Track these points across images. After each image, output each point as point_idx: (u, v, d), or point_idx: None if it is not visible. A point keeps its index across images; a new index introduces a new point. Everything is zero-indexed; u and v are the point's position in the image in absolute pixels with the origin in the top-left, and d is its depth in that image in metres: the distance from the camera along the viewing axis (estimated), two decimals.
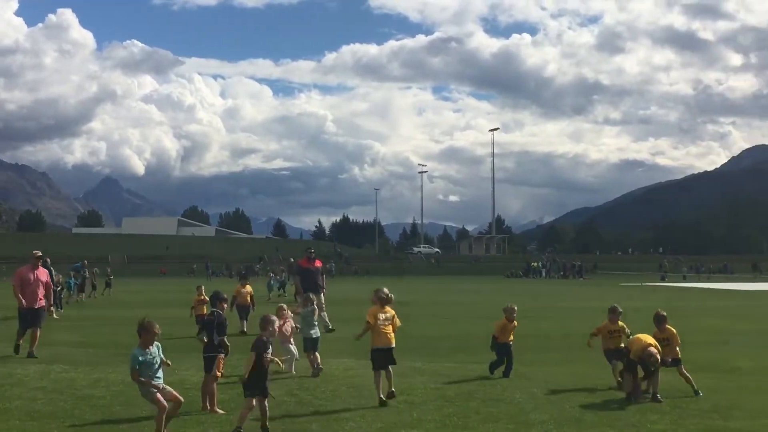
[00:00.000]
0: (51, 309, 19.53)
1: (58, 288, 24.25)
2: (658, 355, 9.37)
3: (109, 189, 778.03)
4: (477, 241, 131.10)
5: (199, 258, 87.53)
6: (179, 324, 18.53)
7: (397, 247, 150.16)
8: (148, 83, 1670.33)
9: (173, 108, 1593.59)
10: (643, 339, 9.61)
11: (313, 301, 12.38)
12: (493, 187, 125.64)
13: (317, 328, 12.07)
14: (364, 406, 9.02)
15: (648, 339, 9.61)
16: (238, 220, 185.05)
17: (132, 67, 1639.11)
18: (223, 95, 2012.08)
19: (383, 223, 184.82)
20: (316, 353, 11.53)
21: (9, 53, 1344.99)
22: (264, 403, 7.66)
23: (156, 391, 7.27)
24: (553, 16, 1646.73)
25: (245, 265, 75.67)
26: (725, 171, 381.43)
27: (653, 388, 9.49)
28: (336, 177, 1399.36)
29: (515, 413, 8.63)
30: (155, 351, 7.43)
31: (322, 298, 17.67)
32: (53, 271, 19.71)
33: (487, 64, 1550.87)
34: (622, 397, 9.58)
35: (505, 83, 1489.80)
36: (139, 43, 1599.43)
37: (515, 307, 11.67)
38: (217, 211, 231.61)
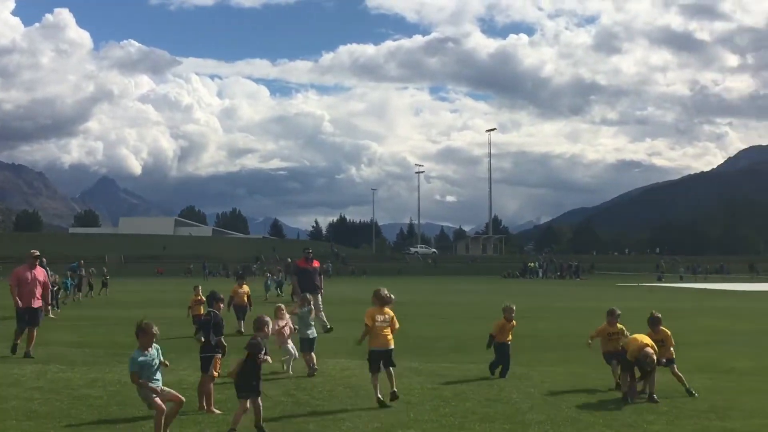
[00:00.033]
0: (48, 309, 19.47)
1: (55, 288, 24.23)
2: (655, 355, 9.39)
3: (106, 189, 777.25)
4: (474, 242, 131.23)
5: (196, 258, 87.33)
6: (176, 324, 18.52)
7: (394, 248, 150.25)
8: (145, 83, 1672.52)
9: (170, 108, 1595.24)
10: (639, 339, 9.62)
11: (310, 302, 12.39)
12: (490, 188, 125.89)
13: (314, 329, 12.07)
14: (361, 406, 9.02)
15: (645, 339, 9.62)
16: (235, 220, 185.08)
17: (129, 66, 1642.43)
18: (220, 95, 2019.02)
19: (380, 223, 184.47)
20: (312, 354, 11.55)
21: (6, 53, 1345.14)
22: (258, 402, 7.67)
23: (155, 395, 7.26)
24: (550, 17, 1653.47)
25: (242, 265, 75.45)
26: (722, 171, 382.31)
27: (650, 389, 9.51)
28: (333, 177, 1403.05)
29: (512, 413, 8.64)
30: (154, 353, 7.39)
31: (319, 298, 17.67)
32: (48, 270, 19.64)
33: (484, 65, 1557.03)
34: (618, 397, 9.60)
35: (502, 83, 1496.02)
36: (136, 43, 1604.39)
37: (514, 307, 11.67)
38: (214, 211, 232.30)
